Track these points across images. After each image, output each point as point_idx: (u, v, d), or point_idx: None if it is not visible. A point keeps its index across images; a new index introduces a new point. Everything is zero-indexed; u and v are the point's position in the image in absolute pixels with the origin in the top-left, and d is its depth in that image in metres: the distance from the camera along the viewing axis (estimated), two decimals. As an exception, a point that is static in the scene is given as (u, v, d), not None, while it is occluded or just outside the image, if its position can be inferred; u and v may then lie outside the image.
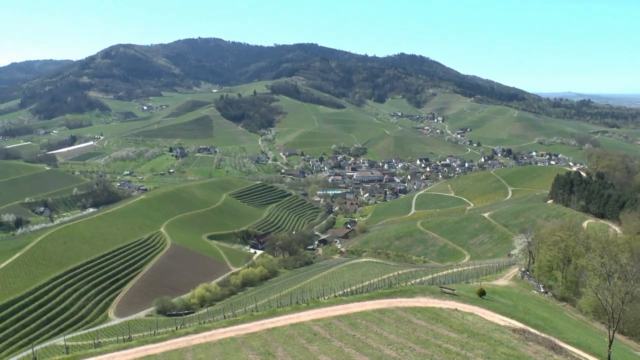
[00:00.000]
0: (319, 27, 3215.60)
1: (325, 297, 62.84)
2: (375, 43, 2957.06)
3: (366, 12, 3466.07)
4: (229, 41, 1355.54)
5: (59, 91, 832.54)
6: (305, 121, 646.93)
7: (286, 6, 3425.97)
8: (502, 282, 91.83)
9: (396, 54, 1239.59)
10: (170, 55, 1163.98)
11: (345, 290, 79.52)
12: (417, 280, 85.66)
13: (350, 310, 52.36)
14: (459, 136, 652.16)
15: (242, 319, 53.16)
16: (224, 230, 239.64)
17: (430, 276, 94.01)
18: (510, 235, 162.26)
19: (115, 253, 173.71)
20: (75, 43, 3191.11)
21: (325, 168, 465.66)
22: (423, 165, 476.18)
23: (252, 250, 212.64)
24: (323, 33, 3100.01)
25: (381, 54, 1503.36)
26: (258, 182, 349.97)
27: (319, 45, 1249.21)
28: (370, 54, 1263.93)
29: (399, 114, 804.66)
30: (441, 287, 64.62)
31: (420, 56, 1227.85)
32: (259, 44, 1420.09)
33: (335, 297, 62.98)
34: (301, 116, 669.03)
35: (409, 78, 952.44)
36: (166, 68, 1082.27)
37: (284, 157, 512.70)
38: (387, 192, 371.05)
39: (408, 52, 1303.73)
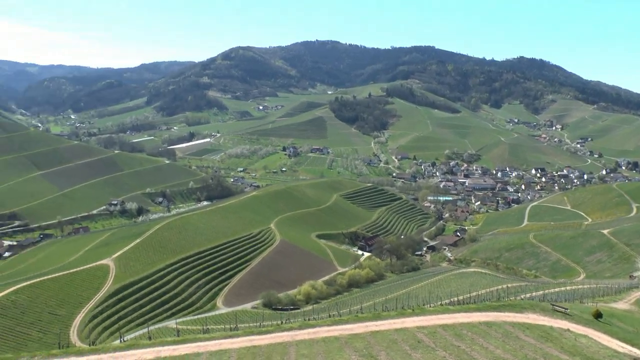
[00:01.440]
0: (437, 29, 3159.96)
1: (431, 305, 61.78)
2: (494, 46, 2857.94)
3: (486, 14, 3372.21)
4: (346, 43, 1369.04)
5: (181, 90, 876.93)
6: (419, 125, 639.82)
7: (404, 8, 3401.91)
8: (622, 305, 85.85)
9: (515, 57, 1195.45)
10: (287, 57, 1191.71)
11: (451, 300, 77.87)
12: (527, 295, 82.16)
13: (456, 321, 51.07)
14: (578, 146, 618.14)
15: (347, 320, 53.17)
16: (332, 230, 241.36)
17: (542, 292, 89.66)
18: (633, 256, 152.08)
19: (226, 245, 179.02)
20: (198, 45, 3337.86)
21: (437, 173, 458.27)
22: (538, 175, 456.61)
23: (360, 252, 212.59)
24: (441, 36, 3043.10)
25: (499, 57, 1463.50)
26: (369, 185, 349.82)
27: (436, 47, 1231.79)
28: (488, 57, 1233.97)
29: (515, 120, 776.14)
30: (553, 305, 61.39)
31: (541, 60, 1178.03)
32: (375, 47, 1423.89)
33: (442, 305, 61.76)
34: (415, 119, 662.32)
35: (528, 83, 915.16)
36: (283, 69, 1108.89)
37: (396, 160, 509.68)
38: (500, 201, 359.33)
39: (528, 55, 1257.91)
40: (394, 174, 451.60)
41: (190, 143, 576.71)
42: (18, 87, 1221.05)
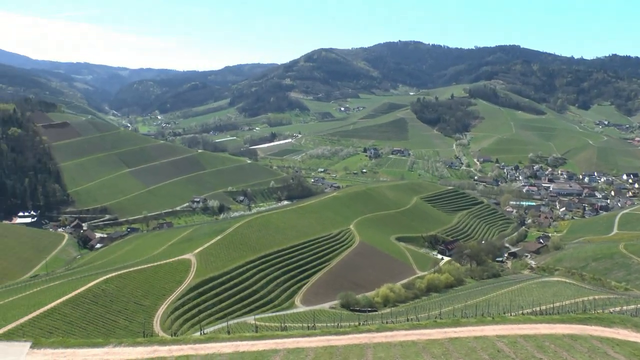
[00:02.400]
0: (523, 28, 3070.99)
1: (512, 314, 60.49)
2: (582, 44, 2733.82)
3: (575, 10, 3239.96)
4: (429, 44, 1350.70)
5: (263, 92, 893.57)
6: (502, 127, 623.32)
7: (489, 7, 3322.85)
8: None
9: (606, 55, 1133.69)
10: (369, 59, 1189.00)
11: (533, 309, 75.76)
12: (617, 308, 78.63)
13: (538, 331, 49.69)
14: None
15: (425, 324, 52.90)
16: (412, 232, 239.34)
17: (634, 306, 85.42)
18: None
19: (306, 245, 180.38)
20: (281, 48, 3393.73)
21: (520, 177, 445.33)
22: (630, 180, 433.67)
23: (439, 256, 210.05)
24: (526, 34, 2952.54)
25: (589, 55, 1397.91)
26: (450, 188, 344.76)
27: (521, 47, 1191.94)
28: (576, 56, 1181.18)
29: (605, 122, 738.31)
30: (646, 320, 58.56)
31: (637, 57, 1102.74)
32: (458, 47, 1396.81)
33: (523, 314, 60.34)
34: (498, 121, 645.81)
35: (620, 82, 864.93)
36: (365, 71, 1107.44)
37: (477, 163, 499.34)
38: (586, 208, 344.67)
39: (621, 53, 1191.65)
40: (476, 177, 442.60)
41: (272, 143, 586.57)
42: (111, 89, 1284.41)
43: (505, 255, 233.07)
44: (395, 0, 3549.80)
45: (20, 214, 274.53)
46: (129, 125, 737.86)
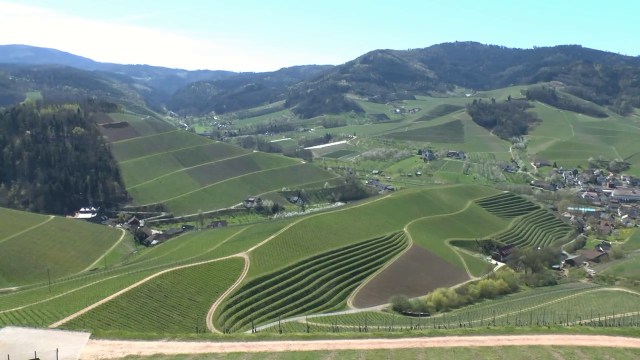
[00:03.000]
0: (584, 26, 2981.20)
1: (569, 324, 58.93)
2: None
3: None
4: (486, 44, 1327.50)
5: (319, 93, 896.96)
6: (561, 130, 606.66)
7: (549, 6, 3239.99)
8: None
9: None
10: (425, 60, 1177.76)
11: (592, 320, 73.64)
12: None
13: (597, 343, 48.14)
14: None
15: (478, 331, 52.15)
16: (465, 237, 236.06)
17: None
18: None
19: (359, 246, 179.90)
20: (337, 50, 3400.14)
21: (579, 182, 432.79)
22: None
23: (493, 261, 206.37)
24: (588, 33, 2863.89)
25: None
26: (505, 192, 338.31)
27: (582, 47, 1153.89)
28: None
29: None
30: None
31: None
32: (516, 47, 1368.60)
33: (580, 325, 58.71)
34: (556, 124, 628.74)
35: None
36: (421, 72, 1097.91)
37: (534, 167, 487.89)
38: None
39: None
40: (532, 182, 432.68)
41: (327, 144, 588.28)
42: (169, 90, 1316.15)
43: (562, 262, 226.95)
44: (453, 1, 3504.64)
45: (82, 209, 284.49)
46: (185, 125, 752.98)
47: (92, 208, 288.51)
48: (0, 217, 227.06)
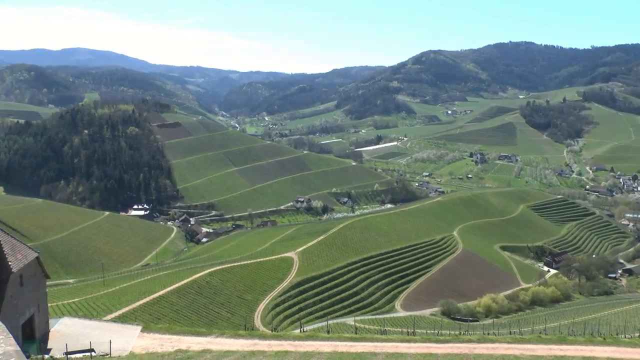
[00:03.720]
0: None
1: (627, 336, 57.08)
2: None
3: None
4: (541, 44, 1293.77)
5: (370, 94, 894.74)
6: (619, 133, 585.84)
7: (606, 4, 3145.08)
8: None
9: None
10: (478, 60, 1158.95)
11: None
12: None
13: (656, 356, 46.50)
14: None
15: (529, 339, 51.02)
16: (516, 242, 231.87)
17: None
18: None
19: (408, 249, 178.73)
20: (389, 50, 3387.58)
21: (639, 188, 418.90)
22: None
23: (545, 268, 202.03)
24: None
25: None
26: (559, 197, 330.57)
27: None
28: None
29: None
30: None
31: None
32: (573, 47, 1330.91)
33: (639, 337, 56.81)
34: (615, 127, 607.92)
35: None
36: (473, 73, 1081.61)
37: (590, 171, 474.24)
38: None
39: None
40: (587, 187, 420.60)
41: (377, 146, 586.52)
42: (221, 91, 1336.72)
43: (619, 271, 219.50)
44: (507, 0, 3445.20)
45: (135, 206, 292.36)
46: (237, 126, 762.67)
47: (145, 205, 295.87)
48: (60, 212, 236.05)
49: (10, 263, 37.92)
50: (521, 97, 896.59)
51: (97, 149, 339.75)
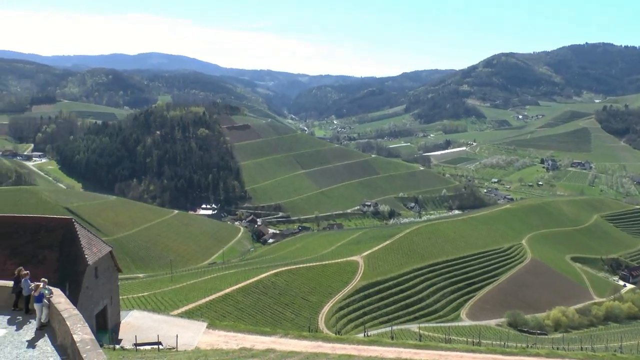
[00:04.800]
0: None
1: None
2: None
3: None
4: (620, 45, 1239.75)
5: (440, 98, 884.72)
6: None
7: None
8: None
9: None
10: (551, 63, 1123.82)
11: None
12: None
13: None
14: None
15: (602, 357, 49.41)
16: (589, 253, 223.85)
17: None
18: None
19: (475, 257, 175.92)
20: (460, 54, 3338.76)
21: None
22: None
23: (621, 282, 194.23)
24: None
25: None
26: (637, 207, 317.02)
27: None
28: None
29: None
30: None
31: None
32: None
33: None
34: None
35: None
36: (546, 76, 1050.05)
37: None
38: None
39: None
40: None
41: (446, 151, 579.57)
42: (290, 94, 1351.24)
43: None
44: (584, 1, 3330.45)
45: (203, 206, 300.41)
46: (305, 129, 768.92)
47: (213, 205, 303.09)
48: (132, 209, 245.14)
49: (86, 256, 40.03)
50: (597, 101, 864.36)
51: (169, 149, 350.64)
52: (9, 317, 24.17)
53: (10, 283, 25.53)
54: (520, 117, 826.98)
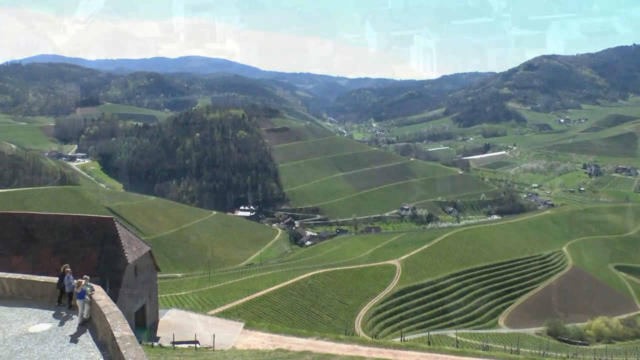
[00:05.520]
0: None
1: None
2: None
3: None
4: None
5: (479, 101, 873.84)
6: None
7: None
8: None
9: None
10: (596, 65, 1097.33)
11: None
12: None
13: None
14: None
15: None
16: (635, 263, 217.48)
17: None
18: None
19: (514, 263, 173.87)
20: (501, 56, 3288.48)
21: None
22: None
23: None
24: None
25: None
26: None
27: None
28: None
29: None
30: None
31: None
32: None
33: None
34: None
35: None
36: (589, 79, 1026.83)
37: None
38: None
39: None
40: None
41: (485, 155, 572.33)
42: (329, 97, 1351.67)
43: None
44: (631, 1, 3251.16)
45: (242, 207, 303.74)
46: (344, 131, 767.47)
47: (251, 207, 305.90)
48: (172, 210, 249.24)
49: (126, 255, 41.04)
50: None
51: (208, 151, 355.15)
52: (53, 312, 25.44)
53: (56, 279, 26.70)
54: (562, 120, 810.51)
